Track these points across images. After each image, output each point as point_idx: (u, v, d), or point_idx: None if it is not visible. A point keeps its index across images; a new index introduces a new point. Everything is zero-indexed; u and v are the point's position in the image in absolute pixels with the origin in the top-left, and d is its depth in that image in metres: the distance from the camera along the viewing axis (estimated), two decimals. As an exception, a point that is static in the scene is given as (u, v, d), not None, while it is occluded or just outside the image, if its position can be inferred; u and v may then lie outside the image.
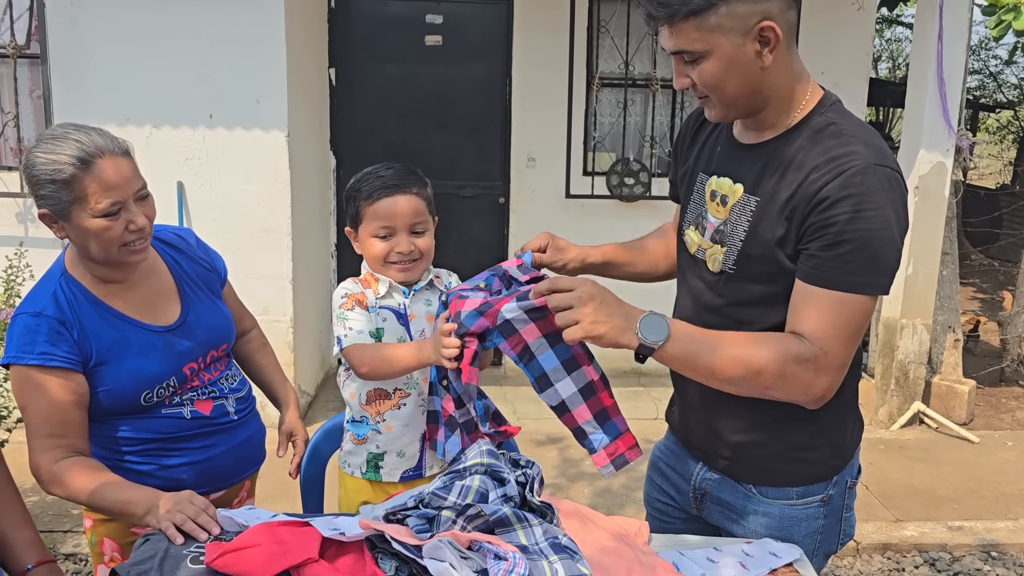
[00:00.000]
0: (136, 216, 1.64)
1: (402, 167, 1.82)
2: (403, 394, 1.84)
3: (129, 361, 1.69)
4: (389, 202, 1.76)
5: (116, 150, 1.62)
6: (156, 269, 1.82)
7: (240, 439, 1.87)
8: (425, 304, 1.86)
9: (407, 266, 1.81)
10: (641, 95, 5.34)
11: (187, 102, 4.15)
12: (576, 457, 4.19)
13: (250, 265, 4.25)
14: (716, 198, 1.55)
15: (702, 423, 1.66)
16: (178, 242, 1.91)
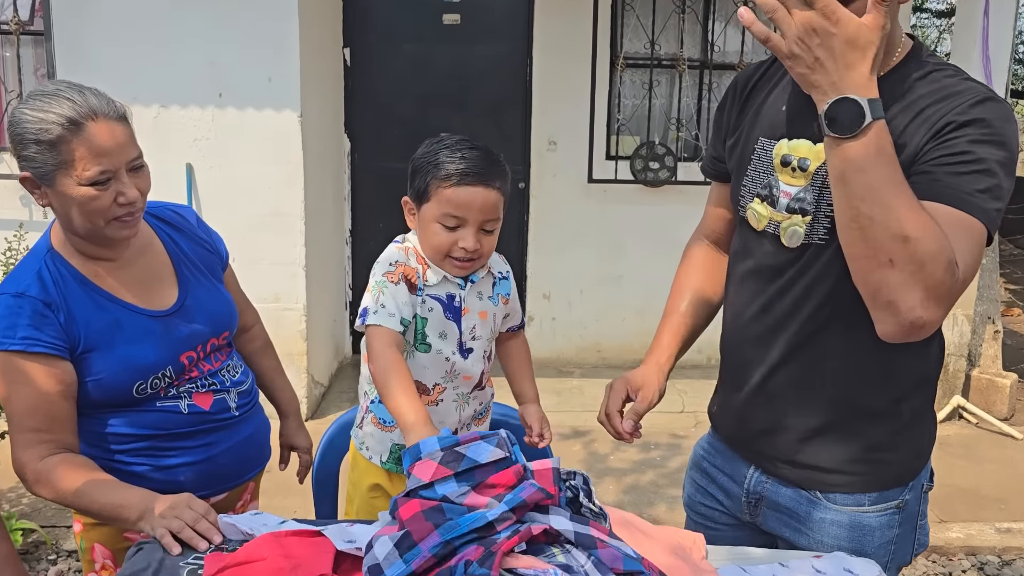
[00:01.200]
0: (127, 188, 1.48)
1: (487, 150, 1.59)
2: (441, 389, 1.68)
3: (121, 348, 1.53)
4: (469, 192, 1.54)
5: (111, 113, 1.47)
6: (151, 248, 1.66)
7: (243, 436, 1.70)
8: (478, 297, 1.69)
9: (465, 264, 1.62)
10: (667, 76, 5.14)
11: (196, 80, 4.00)
12: (603, 452, 4.02)
13: (261, 251, 4.13)
14: (790, 163, 1.36)
15: (761, 419, 1.48)
16: (176, 220, 1.74)
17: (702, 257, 1.70)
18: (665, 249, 5.26)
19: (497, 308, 1.71)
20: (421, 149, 1.63)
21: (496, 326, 1.73)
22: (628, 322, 5.26)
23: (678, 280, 1.71)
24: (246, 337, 1.91)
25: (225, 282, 1.80)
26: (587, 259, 5.21)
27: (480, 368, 1.70)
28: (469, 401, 1.72)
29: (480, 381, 1.72)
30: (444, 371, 1.66)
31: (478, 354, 1.69)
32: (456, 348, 1.66)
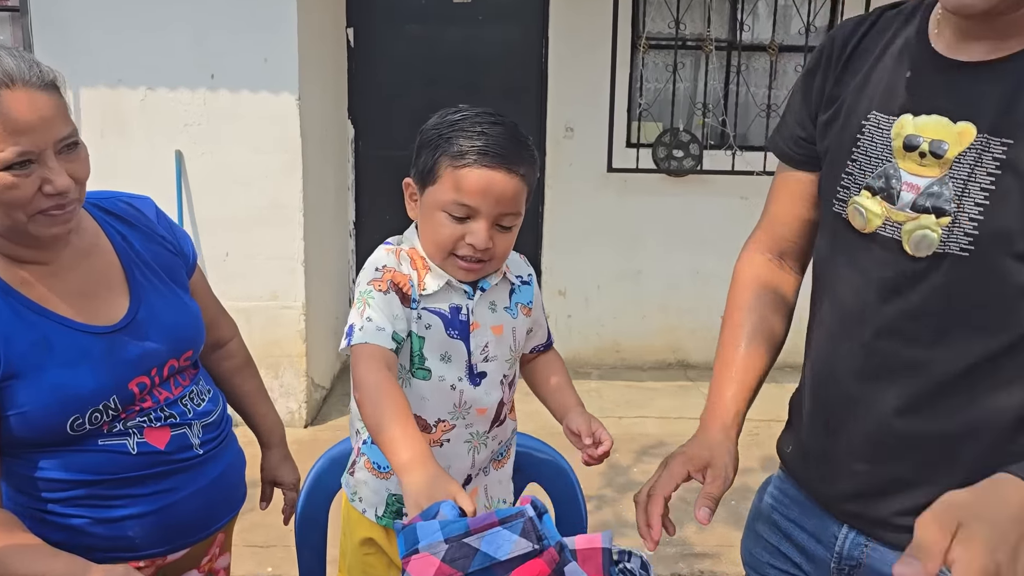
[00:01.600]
0: (55, 175, 1.19)
1: (514, 129, 1.30)
2: (447, 427, 1.36)
3: (52, 372, 1.24)
4: (485, 176, 1.24)
5: (34, 80, 1.18)
6: (96, 248, 1.37)
7: (209, 479, 1.41)
8: (490, 309, 1.38)
9: (473, 265, 1.31)
10: (692, 58, 4.82)
11: (186, 60, 3.71)
12: (625, 463, 3.71)
13: (257, 245, 3.86)
14: (918, 147, 1.04)
15: (868, 473, 1.16)
16: (129, 214, 1.44)
17: (763, 280, 1.35)
18: (689, 243, 5.05)
19: (517, 321, 1.41)
20: (433, 119, 1.32)
21: (518, 344, 1.42)
22: (649, 320, 4.98)
23: (733, 312, 1.36)
24: (221, 354, 1.61)
25: (192, 289, 1.50)
26: (605, 253, 4.92)
27: (496, 398, 1.39)
28: (486, 442, 1.40)
29: (499, 415, 1.41)
30: (450, 404, 1.35)
31: (493, 380, 1.38)
32: (464, 373, 1.35)
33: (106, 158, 3.76)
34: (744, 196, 4.82)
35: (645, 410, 4.36)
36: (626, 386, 4.72)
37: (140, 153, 3.75)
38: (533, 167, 1.30)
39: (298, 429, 4.03)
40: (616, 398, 4.54)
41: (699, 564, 2.94)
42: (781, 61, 4.74)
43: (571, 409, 1.44)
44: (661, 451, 3.85)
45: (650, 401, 4.49)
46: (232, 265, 3.88)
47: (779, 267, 1.35)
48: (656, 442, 3.94)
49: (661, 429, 4.12)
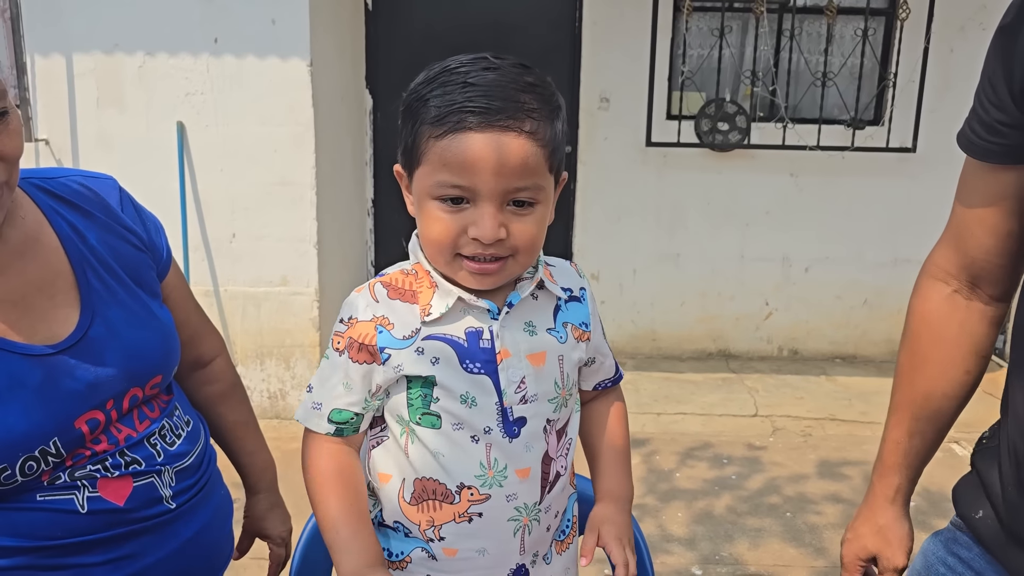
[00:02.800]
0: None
1: (515, 71, 0.94)
2: (477, 496, 1.02)
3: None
4: (472, 142, 0.90)
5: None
6: (38, 244, 1.06)
7: (182, 539, 1.10)
8: (527, 331, 1.03)
9: (487, 266, 0.96)
10: (740, 21, 4.43)
11: (187, 23, 3.39)
12: (667, 468, 3.39)
13: (266, 226, 3.57)
14: None
15: None
16: (85, 198, 1.12)
17: (942, 324, 1.08)
18: (733, 224, 4.69)
19: (566, 347, 1.05)
20: (417, 78, 0.98)
21: (567, 378, 1.06)
22: (688, 306, 4.65)
23: (904, 364, 1.13)
24: (202, 376, 1.29)
25: (165, 295, 1.18)
26: (642, 235, 4.59)
27: (539, 453, 1.03)
28: (538, 517, 1.05)
29: (549, 475, 1.05)
30: (475, 462, 1.00)
31: (535, 429, 1.03)
32: (496, 421, 1.00)
33: (101, 131, 3.48)
34: (794, 173, 4.47)
35: (685, 406, 4.04)
36: (664, 378, 4.40)
37: (138, 126, 3.46)
38: (550, 120, 0.95)
39: (312, 424, 3.75)
40: (653, 391, 4.21)
41: (754, 586, 2.63)
42: (839, 24, 4.34)
43: (607, 501, 1.13)
44: (706, 454, 3.53)
45: (690, 396, 4.16)
46: (239, 247, 3.58)
47: (967, 300, 1.07)
48: (700, 443, 3.62)
49: (704, 428, 3.79)
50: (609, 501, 1.12)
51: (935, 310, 1.08)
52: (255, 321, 3.65)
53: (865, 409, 4.01)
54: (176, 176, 3.46)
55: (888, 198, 4.48)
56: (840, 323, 4.67)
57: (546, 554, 1.10)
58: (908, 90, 4.31)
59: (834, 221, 4.53)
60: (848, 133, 4.36)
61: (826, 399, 4.15)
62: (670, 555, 2.78)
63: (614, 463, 1.15)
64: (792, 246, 4.58)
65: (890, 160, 4.42)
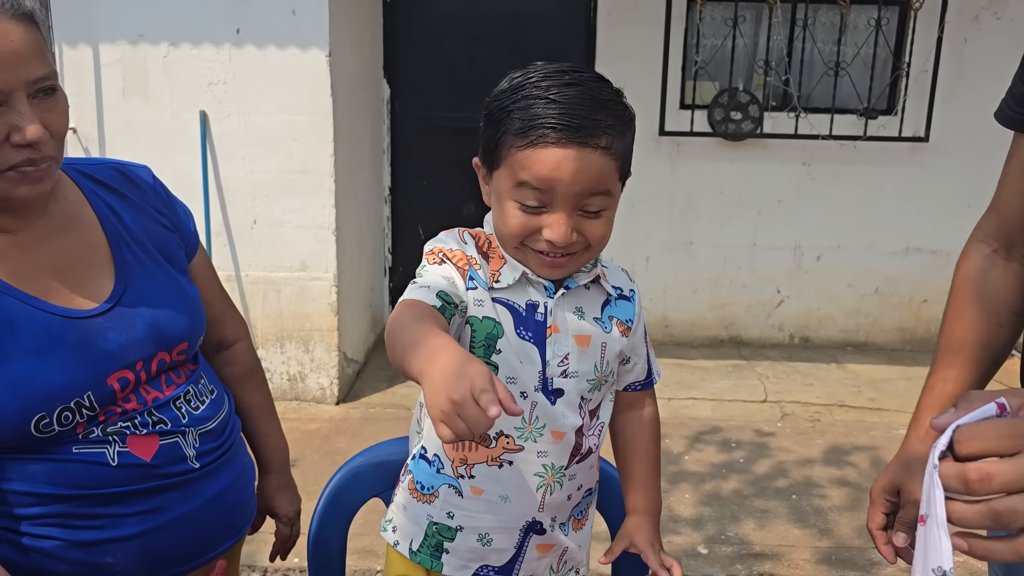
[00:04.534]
0: (25, 120, 1.00)
1: (594, 86, 1.03)
2: (512, 445, 1.11)
3: (15, 363, 1.04)
4: (552, 157, 0.99)
5: (6, 7, 0.99)
6: (79, 221, 1.16)
7: (205, 498, 1.18)
8: (576, 313, 1.12)
9: (557, 260, 1.06)
10: (753, 11, 4.46)
11: (210, 14, 3.48)
12: (675, 451, 3.46)
13: (286, 213, 3.66)
14: None
15: None
16: (120, 183, 1.23)
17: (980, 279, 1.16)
18: (745, 213, 4.72)
19: (610, 337, 1.15)
20: (500, 85, 1.09)
21: (607, 365, 1.15)
22: (700, 294, 4.70)
23: (946, 317, 1.19)
24: (224, 358, 1.38)
25: (193, 276, 1.28)
26: (655, 223, 4.64)
27: (575, 423, 1.13)
28: (562, 481, 1.14)
29: (581, 447, 1.15)
30: (520, 416, 1.10)
31: (571, 401, 1.12)
32: (538, 383, 1.10)
33: (127, 119, 3.58)
34: (807, 162, 4.50)
35: (696, 391, 4.10)
36: (675, 364, 4.45)
37: (162, 114, 3.55)
38: (623, 133, 1.04)
39: (329, 406, 3.84)
40: (665, 377, 4.26)
41: (758, 566, 2.69)
42: (852, 14, 4.36)
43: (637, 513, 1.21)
44: (715, 438, 3.59)
45: (701, 382, 4.22)
46: (259, 233, 3.68)
47: (1004, 260, 1.15)
48: (709, 427, 3.68)
49: (714, 413, 3.85)
50: (639, 514, 1.21)
51: (975, 267, 1.17)
52: (275, 305, 3.74)
53: (874, 396, 4.06)
54: (199, 164, 3.56)
55: (900, 187, 4.50)
56: (851, 311, 4.70)
57: (564, 523, 1.18)
58: (921, 80, 4.32)
59: (846, 210, 4.55)
60: (861, 122, 4.38)
61: (835, 386, 4.20)
62: (677, 535, 2.85)
63: (645, 478, 1.23)
64: (804, 235, 4.61)
65: (902, 149, 4.44)
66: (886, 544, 1.13)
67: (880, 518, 1.15)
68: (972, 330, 1.15)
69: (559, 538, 1.18)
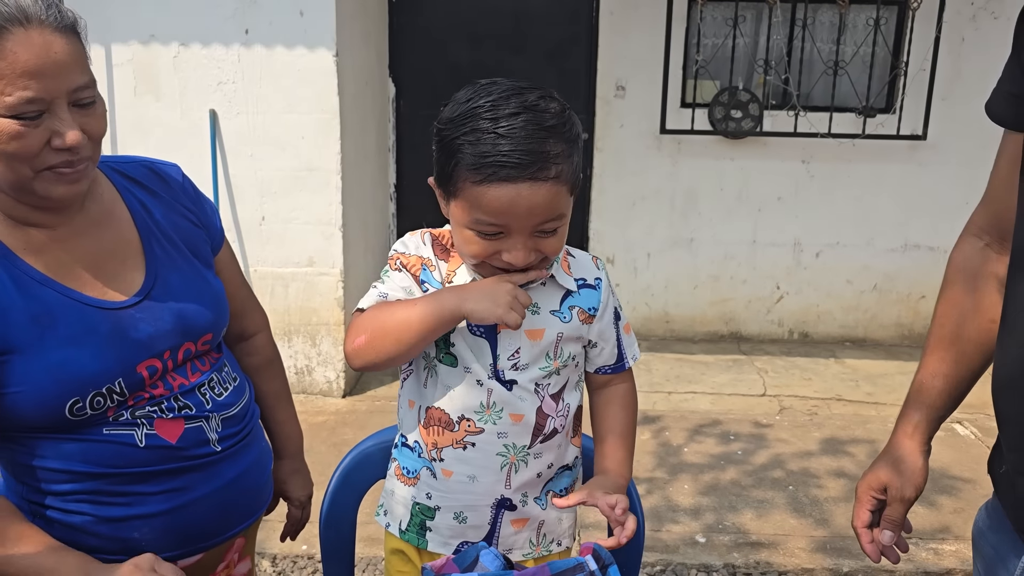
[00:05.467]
0: (66, 127, 1.06)
1: (538, 113, 1.05)
2: (472, 428, 1.19)
3: (52, 350, 1.11)
4: (505, 193, 1.04)
5: (51, 21, 1.05)
6: (112, 217, 1.23)
7: (226, 480, 1.25)
8: (531, 311, 1.18)
9: (514, 276, 1.14)
10: (753, 11, 4.52)
11: (220, 15, 3.55)
12: (676, 443, 3.53)
13: (293, 209, 3.73)
14: None
15: None
16: (151, 181, 1.30)
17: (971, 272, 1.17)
18: (745, 210, 4.78)
19: (568, 327, 1.19)
20: (448, 109, 1.10)
21: (564, 353, 1.20)
22: (701, 290, 4.77)
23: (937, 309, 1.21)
24: (245, 348, 1.45)
25: (218, 269, 1.35)
26: (656, 220, 4.71)
27: (534, 406, 1.19)
28: (527, 459, 1.21)
29: (543, 428, 1.21)
30: (477, 401, 1.17)
31: (526, 387, 1.19)
32: (491, 374, 1.18)
33: (139, 118, 3.65)
34: (806, 160, 4.56)
35: (696, 385, 4.17)
36: (676, 359, 4.52)
37: (173, 113, 3.62)
38: (571, 156, 1.07)
39: (336, 399, 3.92)
40: (665, 371, 4.34)
41: (755, 555, 2.75)
42: (851, 14, 4.42)
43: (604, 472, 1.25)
44: (714, 431, 3.66)
45: (701, 376, 4.29)
46: (268, 230, 3.75)
47: (997, 254, 1.15)
48: (709, 420, 3.75)
49: (714, 406, 3.92)
50: (606, 475, 1.24)
51: (968, 261, 1.17)
52: (283, 300, 3.81)
53: (871, 391, 4.12)
54: (209, 162, 3.63)
55: (899, 185, 4.56)
56: (850, 307, 4.77)
57: (538, 497, 1.24)
58: (919, 78, 4.38)
59: (845, 207, 4.61)
60: (859, 121, 4.44)
61: (834, 380, 4.26)
62: (676, 524, 2.92)
63: (612, 447, 1.26)
64: (803, 231, 4.67)
65: (901, 147, 4.50)
66: (871, 543, 1.15)
67: (866, 516, 1.16)
68: (965, 326, 1.15)
69: (533, 512, 1.24)
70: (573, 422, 1.26)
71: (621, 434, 1.27)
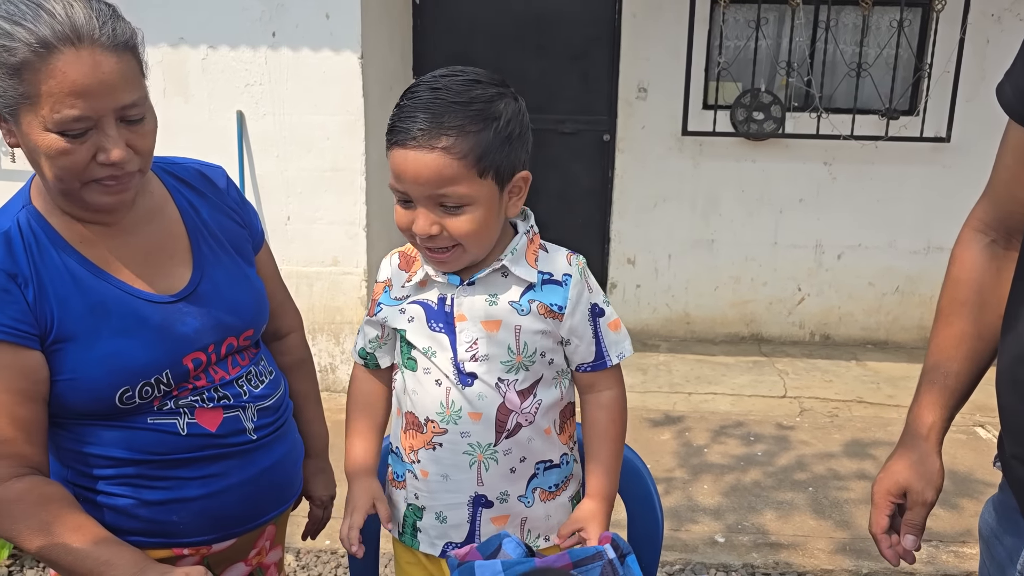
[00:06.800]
0: (111, 144, 1.09)
1: (453, 88, 1.11)
2: (437, 429, 1.22)
3: (106, 340, 1.16)
4: (399, 157, 1.10)
5: (103, 40, 1.07)
6: (162, 214, 1.28)
7: (260, 468, 1.30)
8: (488, 301, 1.19)
9: (437, 255, 1.16)
10: (776, 12, 4.52)
11: (247, 18, 3.61)
12: (698, 443, 3.54)
13: (318, 209, 3.78)
14: None
15: None
16: (199, 182, 1.35)
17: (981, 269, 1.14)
18: (767, 211, 4.78)
19: (525, 320, 1.18)
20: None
21: (527, 346, 1.19)
22: (721, 291, 4.77)
23: (944, 307, 1.18)
24: (279, 347, 1.50)
25: (258, 269, 1.40)
26: (678, 220, 4.71)
27: (494, 403, 1.19)
28: (496, 457, 1.22)
29: (505, 425, 1.21)
30: (437, 403, 1.21)
31: (487, 382, 1.19)
32: (452, 370, 1.20)
33: (168, 119, 3.68)
34: (828, 162, 4.56)
35: (716, 386, 4.17)
36: (696, 360, 4.53)
37: (201, 114, 3.68)
38: (471, 132, 1.08)
39: (359, 397, 3.96)
40: (686, 372, 4.35)
41: (775, 555, 2.76)
42: (874, 16, 4.40)
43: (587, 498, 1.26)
44: (736, 432, 3.67)
45: (721, 377, 4.29)
46: (293, 229, 3.80)
47: (1004, 250, 1.14)
48: (730, 421, 3.76)
49: (734, 407, 3.93)
50: (593, 499, 1.24)
51: (974, 257, 1.14)
52: (307, 299, 3.86)
53: (893, 393, 4.11)
54: (236, 162, 3.69)
55: (922, 187, 4.54)
56: (872, 309, 4.75)
57: (523, 495, 1.25)
58: (943, 80, 4.36)
59: (867, 209, 4.60)
60: (882, 123, 4.42)
61: (855, 382, 4.25)
62: (696, 524, 2.94)
63: (601, 460, 1.25)
64: (825, 233, 4.66)
65: (924, 149, 4.48)
66: (890, 548, 1.13)
67: (884, 521, 1.13)
68: (973, 324, 1.13)
69: (515, 509, 1.24)
70: (559, 419, 1.25)
71: (610, 449, 1.25)
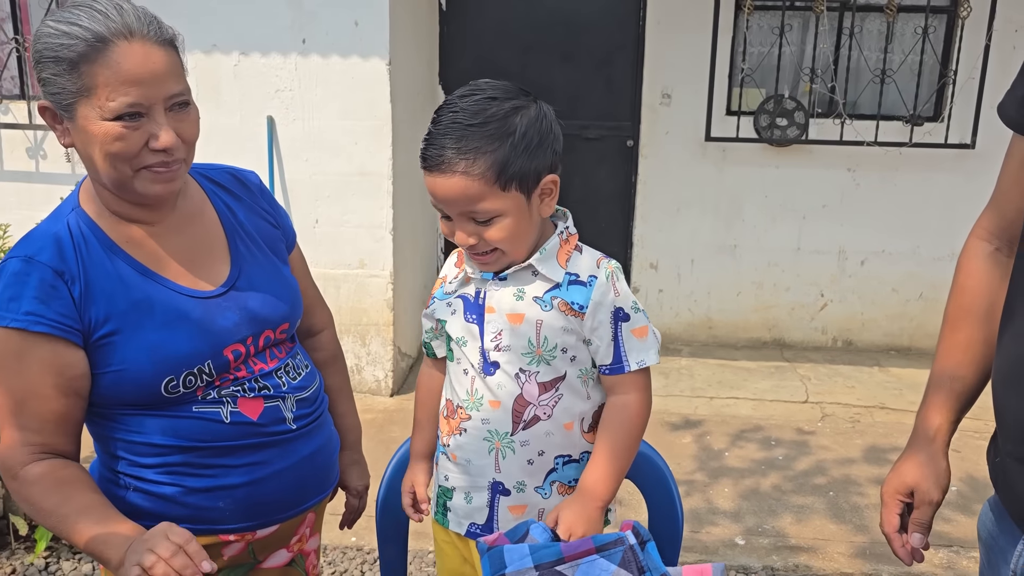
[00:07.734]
0: (162, 130, 1.18)
1: (468, 112, 1.19)
2: (464, 416, 1.31)
3: (150, 333, 1.23)
4: (429, 182, 1.22)
5: (152, 35, 1.18)
6: (202, 216, 1.36)
7: (300, 456, 1.36)
8: (516, 296, 1.27)
9: (480, 257, 1.26)
10: (799, 19, 4.54)
11: (278, 26, 3.69)
12: (718, 447, 3.57)
13: (346, 213, 3.86)
14: None
15: None
16: (234, 185, 1.43)
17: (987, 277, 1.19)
18: (790, 217, 4.79)
19: (547, 315, 1.25)
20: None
21: (548, 340, 1.25)
22: (744, 296, 4.79)
23: (951, 315, 1.22)
24: (311, 344, 1.56)
25: (290, 268, 1.47)
26: (700, 226, 4.74)
27: (512, 392, 1.26)
28: (513, 447, 1.28)
29: (522, 415, 1.27)
30: (464, 390, 1.31)
31: (508, 372, 1.26)
32: (478, 359, 1.29)
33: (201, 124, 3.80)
34: (852, 168, 4.57)
35: (738, 391, 4.19)
36: (718, 364, 4.55)
37: (232, 119, 3.77)
38: (488, 152, 1.17)
39: (384, 398, 4.03)
40: (707, 377, 4.38)
41: (794, 558, 2.79)
42: (899, 22, 4.41)
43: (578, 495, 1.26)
44: (757, 436, 3.69)
45: (743, 382, 4.31)
46: (321, 232, 3.87)
47: (1008, 258, 1.17)
48: (751, 426, 3.78)
49: (756, 412, 3.95)
50: (579, 492, 1.26)
51: (979, 266, 1.19)
52: (334, 301, 3.91)
53: (915, 399, 4.05)
54: (266, 166, 3.77)
55: (946, 194, 4.53)
56: (895, 315, 4.75)
57: (540, 487, 1.30)
58: (968, 87, 4.35)
59: (891, 215, 4.60)
60: (907, 129, 4.42)
61: (877, 388, 4.25)
62: (716, 526, 2.96)
63: (599, 457, 1.26)
64: (848, 239, 4.66)
65: (949, 156, 4.47)
66: (903, 547, 1.17)
67: (895, 520, 1.17)
68: (979, 330, 1.17)
69: (531, 500, 1.30)
70: (590, 419, 1.30)
71: (610, 449, 1.26)
